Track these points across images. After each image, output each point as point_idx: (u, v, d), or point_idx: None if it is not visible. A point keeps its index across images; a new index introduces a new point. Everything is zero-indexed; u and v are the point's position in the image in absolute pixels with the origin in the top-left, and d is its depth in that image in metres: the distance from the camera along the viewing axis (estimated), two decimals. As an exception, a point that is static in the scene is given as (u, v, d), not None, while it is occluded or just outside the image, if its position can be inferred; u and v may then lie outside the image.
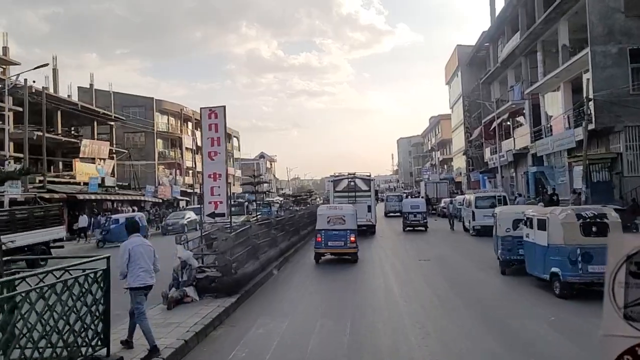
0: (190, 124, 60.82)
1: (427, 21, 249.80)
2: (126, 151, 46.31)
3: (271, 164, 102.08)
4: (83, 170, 37.64)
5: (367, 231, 24.28)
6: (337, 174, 27.69)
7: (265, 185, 50.66)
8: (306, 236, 23.17)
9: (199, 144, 62.40)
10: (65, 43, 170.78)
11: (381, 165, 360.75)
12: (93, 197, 32.29)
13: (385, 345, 7.61)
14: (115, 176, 45.88)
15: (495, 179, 42.87)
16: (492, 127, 43.12)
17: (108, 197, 34.69)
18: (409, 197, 52.13)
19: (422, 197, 45.18)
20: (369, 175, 27.59)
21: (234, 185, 75.32)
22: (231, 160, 75.75)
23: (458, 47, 58.23)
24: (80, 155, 37.78)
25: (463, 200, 26.88)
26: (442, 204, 39.47)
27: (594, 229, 9.84)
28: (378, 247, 20.53)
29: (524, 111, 39.50)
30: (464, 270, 14.17)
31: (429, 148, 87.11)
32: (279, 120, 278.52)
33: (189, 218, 35.33)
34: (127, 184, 45.27)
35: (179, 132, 57.38)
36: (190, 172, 60.60)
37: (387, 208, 44.86)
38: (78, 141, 37.71)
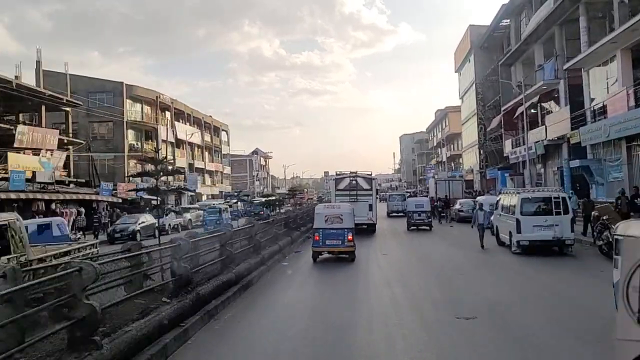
0: (168, 113, 53.32)
1: (429, 20, 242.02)
2: (84, 142, 38.86)
3: (266, 161, 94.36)
4: (19, 163, 30.16)
5: (367, 229, 24.17)
6: (339, 173, 27.24)
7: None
8: (266, 259, 15.18)
9: (179, 136, 55.04)
10: (68, 41, 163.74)
11: (383, 163, 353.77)
12: (13, 195, 24.81)
13: None
14: (72, 171, 38.53)
15: (523, 175, 35.24)
16: (516, 114, 35.50)
17: (39, 196, 27.22)
18: (417, 195, 47.44)
19: (431, 197, 37.81)
20: (370, 174, 27.17)
21: (221, 182, 67.99)
22: (219, 155, 68.40)
23: (471, 27, 50.61)
24: (16, 145, 30.28)
25: (496, 204, 19.25)
26: (458, 206, 31.95)
27: None
28: (380, 279, 13.00)
29: (556, 94, 32.01)
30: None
31: (435, 144, 79.43)
32: (281, 119, 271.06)
33: (143, 222, 27.90)
34: (84, 180, 37.82)
35: (155, 122, 49.85)
36: (170, 167, 53.12)
37: (390, 208, 40.99)
38: (12, 128, 30.29)
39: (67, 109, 38.16)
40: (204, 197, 59.66)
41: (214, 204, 25.31)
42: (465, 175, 54.76)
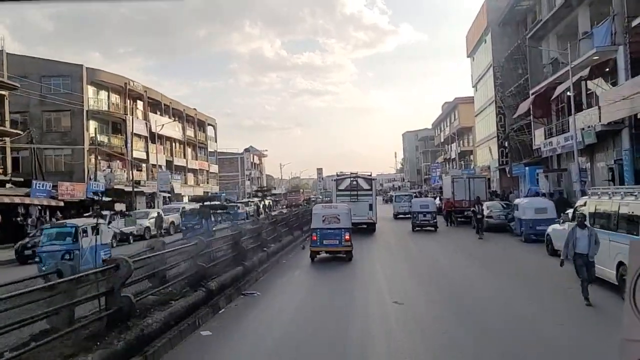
0: (141, 103, 45.81)
1: (430, 21, 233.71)
2: (23, 132, 31.44)
3: (260, 160, 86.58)
4: None
5: (368, 228, 24.35)
6: (339, 174, 27.19)
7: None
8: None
9: (154, 129, 47.59)
10: (69, 42, 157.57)
11: (385, 163, 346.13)
12: None
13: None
14: (9, 167, 31.17)
15: (567, 171, 27.63)
16: (554, 96, 27.86)
17: None
18: (422, 196, 43.50)
19: (447, 199, 30.41)
20: (370, 175, 27.08)
21: (207, 182, 60.59)
22: (204, 152, 60.92)
23: (487, 1, 42.95)
24: None
25: (572, 213, 11.53)
26: (485, 211, 24.32)
27: None
28: None
29: (607, 68, 24.44)
30: None
31: (442, 140, 71.72)
32: (282, 120, 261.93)
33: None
34: (22, 179, 30.44)
35: (124, 112, 42.32)
36: (144, 165, 45.70)
37: (397, 209, 37.14)
38: None
39: (3, 92, 30.76)
40: (186, 199, 52.22)
41: (66, 222, 15.74)
42: (481, 172, 47.10)
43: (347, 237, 15.05)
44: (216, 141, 63.38)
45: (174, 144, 51.60)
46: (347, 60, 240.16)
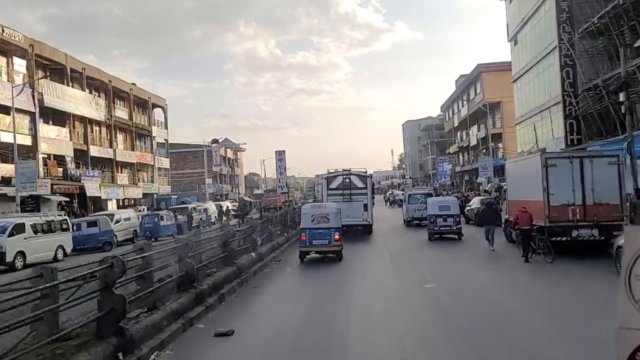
0: (23, 61, 29.84)
1: (425, 19, 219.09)
2: None
3: (236, 154, 70.36)
4: None
5: (363, 231, 21.33)
6: (331, 171, 23.57)
7: None
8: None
9: (48, 102, 31.45)
10: (62, 44, 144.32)
11: (383, 160, 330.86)
12: None
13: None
14: None
15: None
16: None
17: None
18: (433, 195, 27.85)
19: (523, 209, 14.50)
20: (365, 172, 23.49)
21: (151, 181, 44.56)
22: (148, 142, 44.88)
23: None
24: None
25: None
26: None
27: None
28: None
29: None
30: None
31: (455, 125, 55.88)
32: (278, 120, 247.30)
33: None
34: None
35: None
36: (41, 154, 29.66)
37: (410, 213, 25.47)
38: None
39: None
40: (112, 204, 36.31)
41: None
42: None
43: (336, 237, 14.38)
44: (166, 127, 47.23)
45: (91, 127, 35.56)
46: (342, 60, 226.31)
